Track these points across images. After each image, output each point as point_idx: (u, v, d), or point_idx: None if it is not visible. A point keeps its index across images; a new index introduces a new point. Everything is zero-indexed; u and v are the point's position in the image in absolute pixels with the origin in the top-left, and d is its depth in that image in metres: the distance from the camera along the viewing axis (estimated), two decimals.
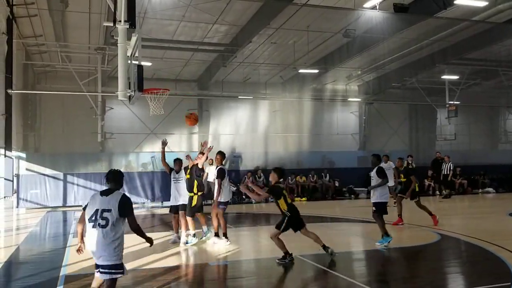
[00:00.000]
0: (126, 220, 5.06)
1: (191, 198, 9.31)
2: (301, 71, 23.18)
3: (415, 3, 16.90)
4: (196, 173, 9.37)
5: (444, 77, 24.88)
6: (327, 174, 20.51)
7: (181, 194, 9.54)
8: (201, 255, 8.67)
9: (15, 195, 17.76)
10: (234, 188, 18.72)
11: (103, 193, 5.11)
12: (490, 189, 21.11)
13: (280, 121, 26.04)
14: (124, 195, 5.12)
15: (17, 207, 17.19)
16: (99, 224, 4.92)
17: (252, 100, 25.58)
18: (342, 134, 27.43)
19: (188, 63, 22.94)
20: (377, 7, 16.03)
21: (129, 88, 8.75)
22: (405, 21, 18.06)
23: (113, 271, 4.95)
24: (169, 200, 10.06)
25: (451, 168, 19.68)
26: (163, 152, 9.91)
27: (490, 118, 29.82)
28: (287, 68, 24.00)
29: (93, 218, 4.97)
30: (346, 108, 28.00)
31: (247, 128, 25.81)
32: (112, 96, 19.62)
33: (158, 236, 10.27)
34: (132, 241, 9.05)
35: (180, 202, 9.53)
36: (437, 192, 20.88)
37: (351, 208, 17.44)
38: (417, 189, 12.29)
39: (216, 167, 9.53)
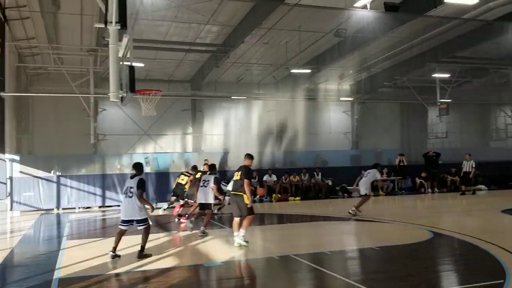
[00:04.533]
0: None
1: None
2: (293, 71, 23.16)
3: (406, 2, 16.93)
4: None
5: (435, 75, 24.97)
6: (320, 173, 20.48)
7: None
8: (196, 256, 8.60)
9: (9, 198, 17.59)
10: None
11: (131, 177, 8.28)
12: (482, 186, 21.15)
13: (273, 121, 26.01)
14: (141, 178, 8.18)
15: (11, 210, 17.03)
16: (128, 195, 8.09)
17: (246, 100, 25.54)
18: (335, 133, 27.48)
19: (181, 64, 22.85)
20: (368, 6, 16.02)
21: (121, 89, 8.69)
22: (396, 20, 18.10)
23: (135, 223, 8.19)
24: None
25: (474, 166, 19.49)
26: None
27: (481, 116, 29.98)
28: (279, 68, 23.98)
29: (125, 192, 8.18)
30: (339, 108, 28.04)
31: (241, 128, 25.76)
32: (105, 98, 19.48)
33: (152, 238, 10.18)
34: (126, 243, 8.98)
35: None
36: (429, 190, 20.94)
37: (344, 207, 17.44)
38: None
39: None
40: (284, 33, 19.56)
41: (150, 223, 8.39)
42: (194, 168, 13.23)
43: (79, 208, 17.59)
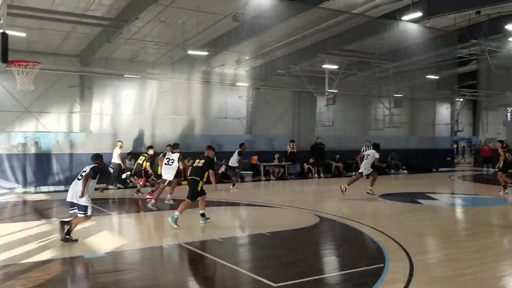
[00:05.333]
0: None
1: None
2: (190, 52, 22.43)
3: None
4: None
5: (325, 66, 25.90)
6: (215, 158, 20.19)
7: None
8: (78, 246, 7.80)
9: None
10: (127, 173, 17.35)
11: (89, 164, 8.14)
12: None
13: (168, 103, 25.07)
14: (95, 165, 8.03)
15: None
16: (78, 178, 7.89)
17: (140, 80, 24.24)
18: (231, 118, 27.33)
19: (69, 37, 20.90)
20: None
21: None
22: (292, 9, 18.29)
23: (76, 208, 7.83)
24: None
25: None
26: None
27: (363, 107, 31.85)
28: (176, 49, 23.07)
29: (79, 174, 8.00)
30: (235, 92, 27.90)
31: (133, 109, 24.44)
32: None
33: (29, 226, 9.12)
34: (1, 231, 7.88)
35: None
36: (316, 175, 21.81)
37: (236, 191, 17.39)
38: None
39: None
40: (182, 12, 18.76)
41: (89, 213, 7.84)
42: (151, 147, 15.42)
43: None
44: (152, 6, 17.39)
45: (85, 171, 7.88)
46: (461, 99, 36.39)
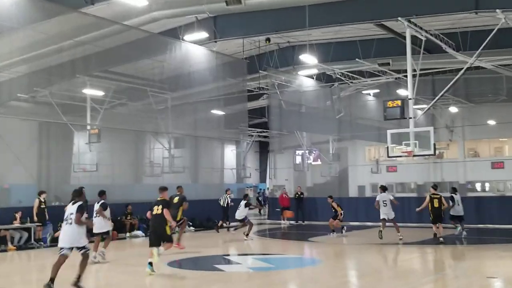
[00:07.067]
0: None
1: None
2: None
3: None
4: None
5: (86, 91, 24.50)
6: None
7: None
8: None
9: None
10: None
11: (72, 203, 10.01)
12: (139, 232, 21.15)
13: None
14: (81, 203, 9.95)
15: None
16: (68, 222, 9.73)
17: None
18: None
19: None
20: None
21: None
22: (42, 10, 17.00)
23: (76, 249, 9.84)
24: None
25: (229, 201, 23.40)
26: None
27: (137, 146, 31.23)
28: None
29: (65, 219, 9.84)
30: None
31: None
32: None
33: None
34: None
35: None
36: None
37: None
38: None
39: None
40: None
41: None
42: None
43: None
44: None
45: (72, 213, 9.47)
46: (248, 140, 38.85)
